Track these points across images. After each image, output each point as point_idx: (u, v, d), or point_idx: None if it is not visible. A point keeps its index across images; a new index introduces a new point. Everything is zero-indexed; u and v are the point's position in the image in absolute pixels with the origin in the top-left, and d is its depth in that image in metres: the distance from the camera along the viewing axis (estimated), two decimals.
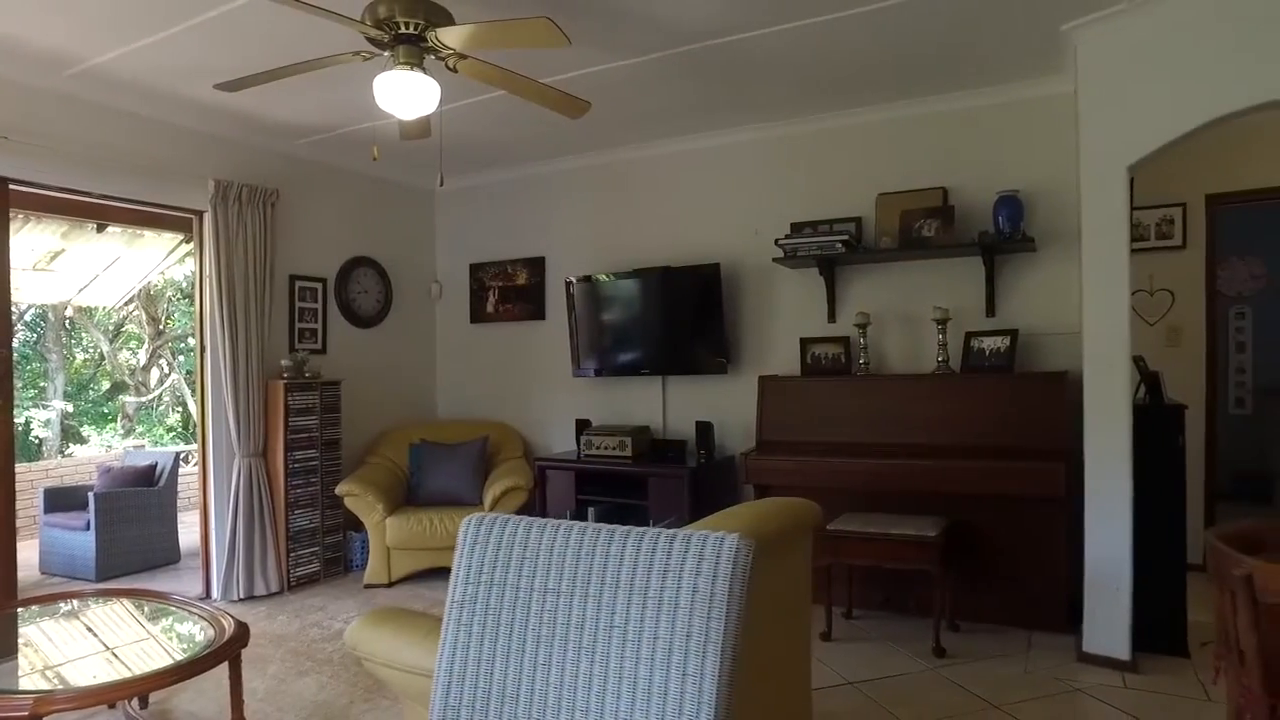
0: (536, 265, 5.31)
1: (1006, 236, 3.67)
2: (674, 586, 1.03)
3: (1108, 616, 3.20)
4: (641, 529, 1.12)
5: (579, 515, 4.55)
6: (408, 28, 2.59)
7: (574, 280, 4.89)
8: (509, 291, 5.42)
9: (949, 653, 3.37)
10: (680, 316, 4.56)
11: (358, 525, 4.68)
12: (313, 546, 4.58)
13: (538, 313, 5.29)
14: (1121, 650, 3.17)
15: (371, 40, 2.69)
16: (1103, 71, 3.13)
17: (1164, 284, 4.51)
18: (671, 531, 1.09)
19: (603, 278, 4.80)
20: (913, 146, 4.09)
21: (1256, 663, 1.75)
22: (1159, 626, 3.22)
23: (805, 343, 4.26)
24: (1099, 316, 3.17)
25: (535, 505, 4.70)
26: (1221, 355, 6.23)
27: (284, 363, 4.50)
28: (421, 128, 3.35)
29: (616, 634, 1.04)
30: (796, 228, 4.28)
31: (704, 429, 4.36)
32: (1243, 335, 6.19)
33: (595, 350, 4.86)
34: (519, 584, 1.19)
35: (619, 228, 4.95)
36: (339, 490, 4.55)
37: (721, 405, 4.56)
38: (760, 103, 4.09)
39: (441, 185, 5.14)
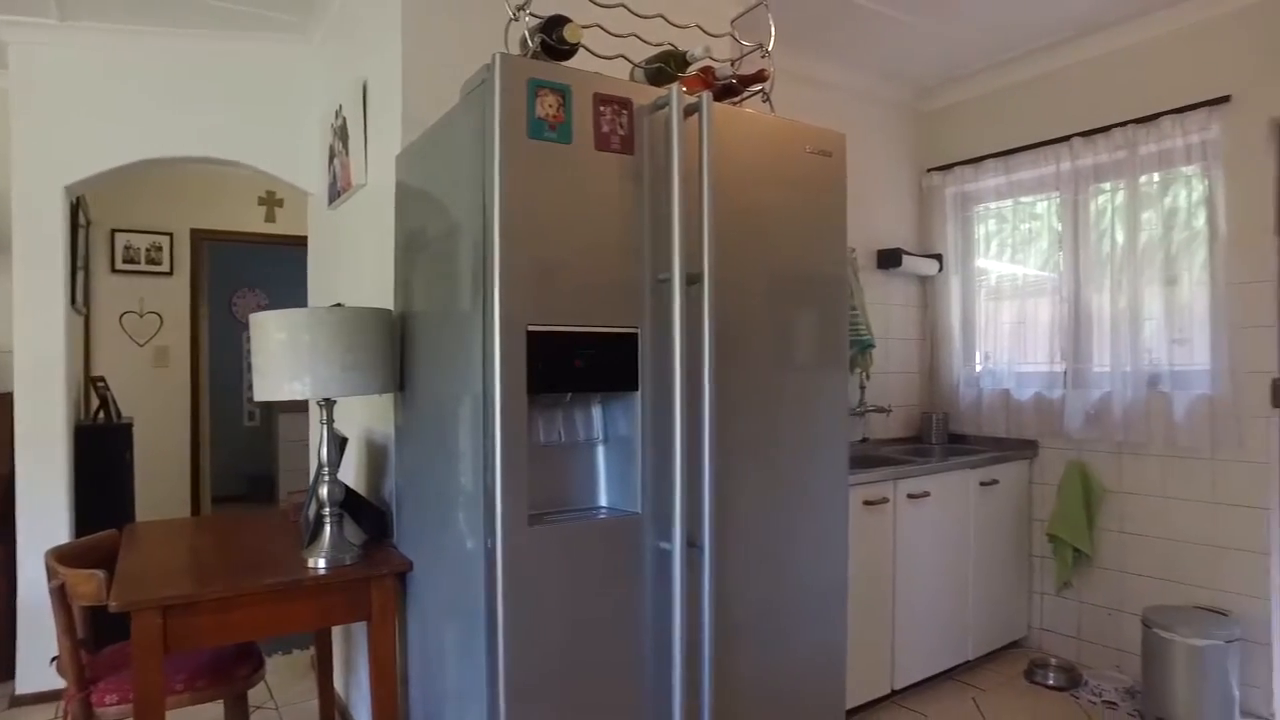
0: None
1: None
2: None
3: (44, 649, 3.07)
4: None
5: None
6: None
7: None
8: None
9: None
10: None
11: None
12: None
13: None
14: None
15: None
16: (41, 82, 3.03)
17: (154, 307, 4.72)
18: None
19: None
20: None
21: (71, 661, 1.88)
22: None
23: None
24: (33, 335, 3.04)
25: None
26: (235, 374, 6.95)
27: None
28: None
29: None
30: None
31: None
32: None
33: None
34: None
35: None
36: None
37: None
38: None
39: None
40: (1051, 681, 3.14)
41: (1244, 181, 2.87)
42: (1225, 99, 2.88)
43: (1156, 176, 3.07)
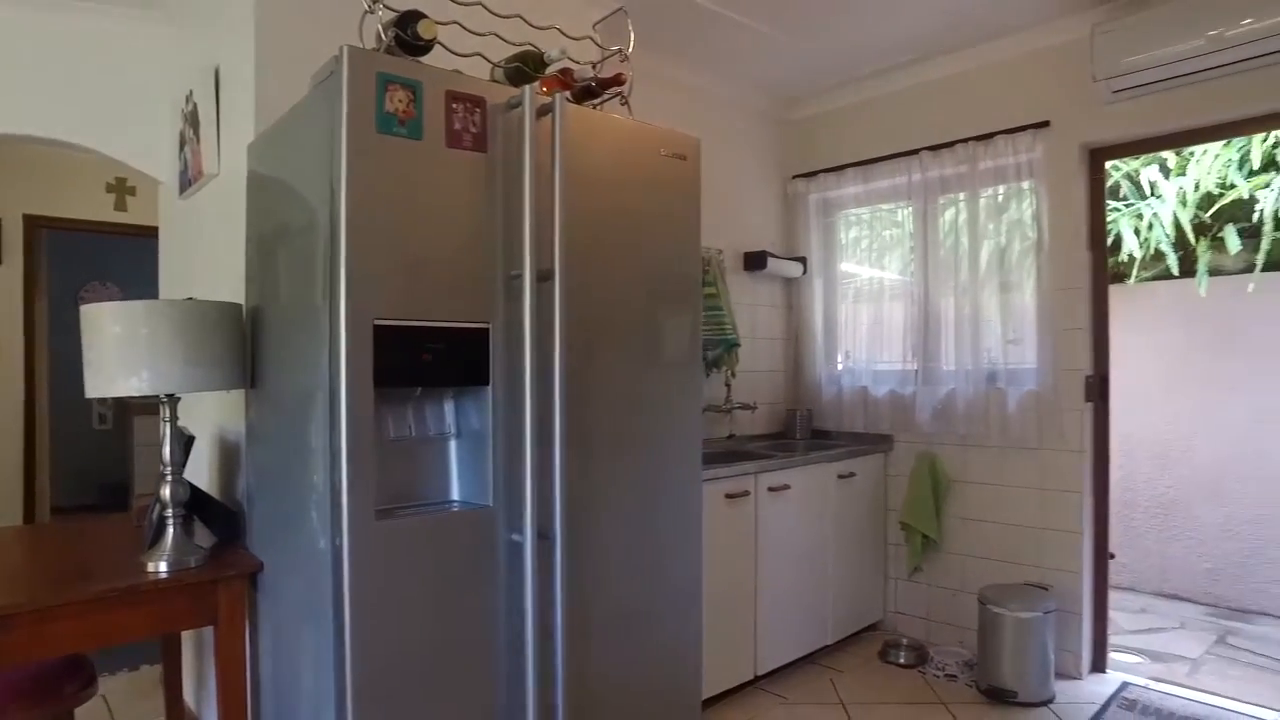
0: None
1: None
2: None
3: None
4: None
5: None
6: None
7: None
8: None
9: None
10: None
11: None
12: None
13: None
14: None
15: None
16: None
17: None
18: None
19: None
20: None
21: None
22: None
23: None
24: None
25: None
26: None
27: None
28: None
29: None
30: None
31: None
32: None
33: None
34: None
35: None
36: None
37: None
38: None
39: None
40: (903, 660, 3.35)
41: (1063, 199, 3.17)
42: (1046, 124, 3.17)
43: (1002, 189, 3.32)
